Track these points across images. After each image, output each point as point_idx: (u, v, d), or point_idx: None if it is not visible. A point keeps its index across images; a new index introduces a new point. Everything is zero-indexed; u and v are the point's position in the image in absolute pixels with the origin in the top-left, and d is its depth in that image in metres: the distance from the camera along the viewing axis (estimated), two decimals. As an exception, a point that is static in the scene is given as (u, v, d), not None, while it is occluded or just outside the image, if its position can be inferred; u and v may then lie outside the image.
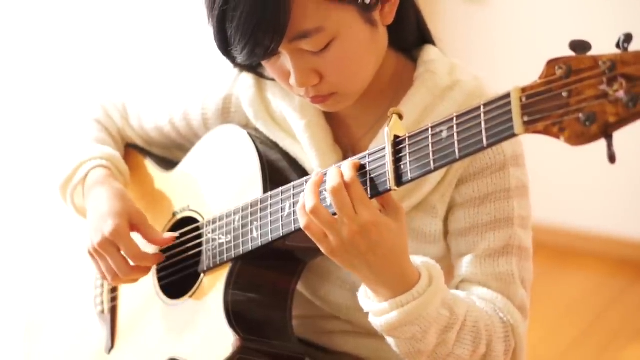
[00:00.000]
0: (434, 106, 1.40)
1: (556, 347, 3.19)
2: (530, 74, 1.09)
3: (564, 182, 3.94)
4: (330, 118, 1.49)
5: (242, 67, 1.52)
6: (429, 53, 1.45)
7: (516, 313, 1.38)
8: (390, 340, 1.32)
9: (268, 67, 1.39)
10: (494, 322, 1.36)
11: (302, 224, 1.26)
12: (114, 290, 1.66)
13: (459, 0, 4.05)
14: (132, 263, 1.49)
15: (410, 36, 1.46)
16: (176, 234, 1.53)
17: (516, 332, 1.38)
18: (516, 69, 2.92)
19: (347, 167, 1.24)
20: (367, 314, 1.33)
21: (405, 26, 1.44)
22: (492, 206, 1.40)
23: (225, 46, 1.34)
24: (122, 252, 1.48)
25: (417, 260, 1.30)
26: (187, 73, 2.86)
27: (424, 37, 1.48)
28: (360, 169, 1.26)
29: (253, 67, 1.49)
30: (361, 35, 1.33)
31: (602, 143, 1.03)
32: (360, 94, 1.40)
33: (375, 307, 1.29)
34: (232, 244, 1.44)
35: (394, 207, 1.25)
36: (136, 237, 1.51)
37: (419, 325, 1.27)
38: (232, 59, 1.36)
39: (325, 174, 1.27)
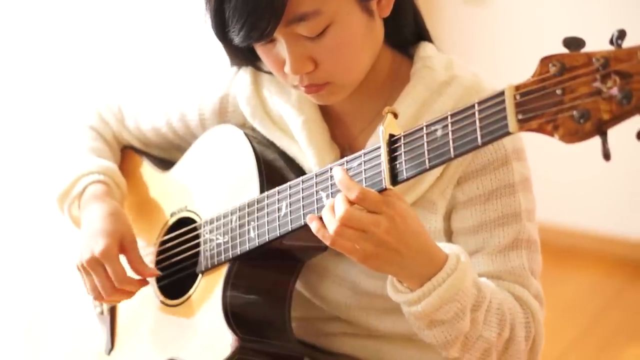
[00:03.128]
0: (431, 102, 1.40)
1: (555, 347, 3.19)
2: (530, 74, 1.09)
3: (563, 181, 3.94)
4: (327, 115, 1.49)
5: (240, 61, 1.52)
6: (426, 49, 1.45)
7: (534, 301, 1.39)
8: (426, 333, 1.30)
9: (263, 55, 1.39)
10: (515, 306, 1.36)
11: (327, 241, 1.24)
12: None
13: (459, 1, 4.05)
14: (116, 285, 1.49)
15: (407, 32, 1.46)
16: (159, 273, 1.53)
17: (536, 319, 1.38)
18: (516, 69, 2.91)
19: (348, 188, 1.23)
20: (368, 313, 1.32)
21: (402, 22, 1.44)
22: (498, 202, 1.39)
23: (222, 28, 1.34)
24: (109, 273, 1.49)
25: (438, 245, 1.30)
26: (184, 73, 2.86)
27: (421, 34, 1.48)
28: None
29: (251, 60, 1.49)
30: (358, 23, 1.34)
31: (599, 141, 1.02)
32: (354, 86, 1.40)
33: (411, 295, 1.28)
34: (230, 244, 1.44)
35: (395, 192, 1.25)
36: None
37: (458, 302, 1.26)
38: (229, 43, 1.36)
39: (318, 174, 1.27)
